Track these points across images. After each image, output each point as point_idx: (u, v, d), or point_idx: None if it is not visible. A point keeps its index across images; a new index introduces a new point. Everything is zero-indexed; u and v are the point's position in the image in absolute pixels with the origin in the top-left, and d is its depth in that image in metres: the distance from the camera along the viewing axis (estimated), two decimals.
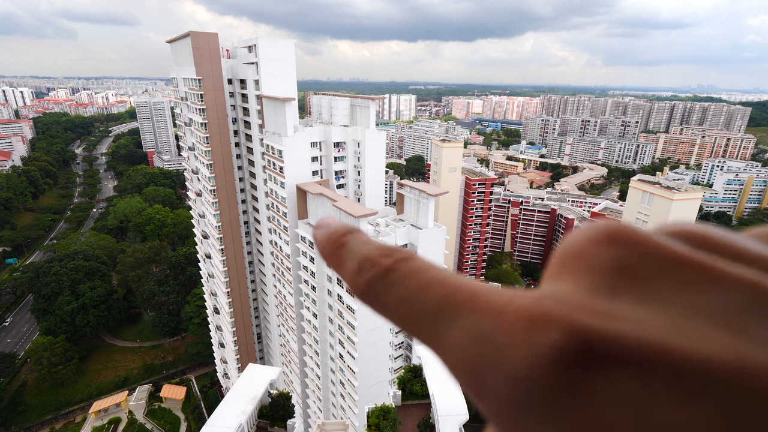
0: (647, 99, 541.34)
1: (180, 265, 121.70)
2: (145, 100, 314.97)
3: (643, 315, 0.63)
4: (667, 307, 0.65)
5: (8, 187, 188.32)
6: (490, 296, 0.73)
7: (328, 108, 73.58)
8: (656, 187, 79.45)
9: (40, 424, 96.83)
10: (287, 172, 65.13)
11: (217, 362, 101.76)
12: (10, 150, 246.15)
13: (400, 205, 67.03)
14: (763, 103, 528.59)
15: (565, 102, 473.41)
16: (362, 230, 0.95)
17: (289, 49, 71.52)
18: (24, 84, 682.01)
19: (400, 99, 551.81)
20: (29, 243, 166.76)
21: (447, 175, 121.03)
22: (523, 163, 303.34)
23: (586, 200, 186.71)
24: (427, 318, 0.78)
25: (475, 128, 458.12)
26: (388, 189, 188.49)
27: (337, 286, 59.79)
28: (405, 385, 38.23)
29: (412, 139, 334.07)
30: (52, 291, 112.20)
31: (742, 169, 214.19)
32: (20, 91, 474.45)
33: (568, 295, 0.69)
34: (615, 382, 0.58)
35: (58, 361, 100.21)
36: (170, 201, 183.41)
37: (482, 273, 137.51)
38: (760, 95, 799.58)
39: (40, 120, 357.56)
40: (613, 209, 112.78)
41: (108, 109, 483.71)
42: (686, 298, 0.65)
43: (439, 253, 63.71)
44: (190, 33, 69.93)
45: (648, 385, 0.57)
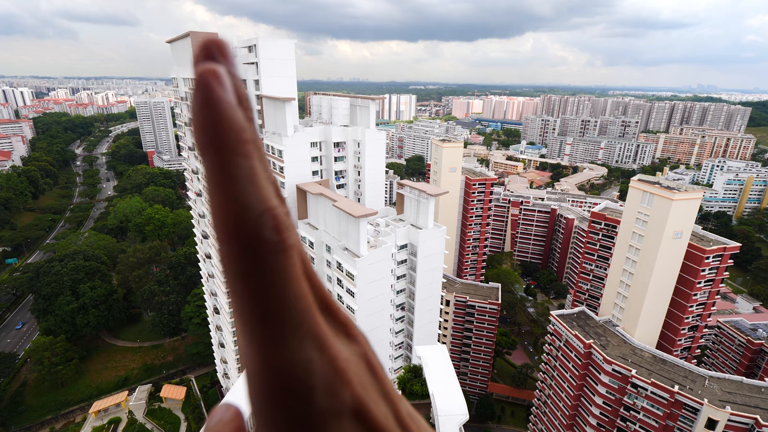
0: (647, 99, 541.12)
1: (180, 265, 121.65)
2: (145, 100, 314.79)
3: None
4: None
5: (8, 187, 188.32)
6: (331, 341, 0.84)
7: (328, 108, 73.56)
8: (656, 187, 79.35)
9: (40, 424, 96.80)
10: (287, 172, 65.11)
11: (217, 362, 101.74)
12: (10, 150, 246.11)
13: (400, 205, 67.04)
14: (763, 103, 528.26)
15: (565, 102, 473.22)
16: (263, 147, 0.76)
17: (289, 49, 71.44)
18: (24, 84, 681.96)
19: (400, 99, 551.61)
20: (29, 243, 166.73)
21: (447, 175, 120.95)
22: (523, 163, 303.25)
23: (586, 200, 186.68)
24: (272, 319, 0.76)
25: (475, 128, 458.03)
26: (388, 189, 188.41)
27: (337, 287, 59.76)
28: (405, 385, 38.24)
29: (412, 139, 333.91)
30: (53, 291, 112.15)
31: (742, 169, 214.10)
32: (20, 91, 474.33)
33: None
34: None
35: (58, 361, 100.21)
36: (170, 201, 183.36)
37: (482, 273, 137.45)
38: (760, 95, 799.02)
39: (40, 120, 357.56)
40: (613, 209, 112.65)
41: (108, 109, 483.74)
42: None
43: (439, 253, 63.71)
44: (190, 33, 69.88)
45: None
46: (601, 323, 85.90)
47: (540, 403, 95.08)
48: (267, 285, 0.78)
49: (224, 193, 0.77)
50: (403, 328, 67.78)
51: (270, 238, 0.79)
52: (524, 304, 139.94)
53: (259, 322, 0.78)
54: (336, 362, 0.85)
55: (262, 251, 0.78)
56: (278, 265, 0.79)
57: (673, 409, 69.35)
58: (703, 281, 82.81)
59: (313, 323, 0.83)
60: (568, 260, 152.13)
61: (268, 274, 0.78)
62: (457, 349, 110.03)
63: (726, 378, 72.25)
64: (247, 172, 0.79)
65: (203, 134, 0.77)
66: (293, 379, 0.78)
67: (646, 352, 77.63)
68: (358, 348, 0.99)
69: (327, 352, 0.84)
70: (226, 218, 0.77)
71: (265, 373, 0.78)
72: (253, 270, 0.78)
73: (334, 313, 0.99)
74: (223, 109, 0.78)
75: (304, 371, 0.79)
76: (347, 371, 0.88)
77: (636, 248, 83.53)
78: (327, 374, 0.82)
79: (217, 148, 0.78)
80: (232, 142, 0.78)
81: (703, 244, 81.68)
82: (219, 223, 0.77)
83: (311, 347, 0.81)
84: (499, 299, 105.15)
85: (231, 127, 0.78)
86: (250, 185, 0.78)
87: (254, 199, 0.78)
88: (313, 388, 0.79)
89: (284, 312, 0.79)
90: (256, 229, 0.78)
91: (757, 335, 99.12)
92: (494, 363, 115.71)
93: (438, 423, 30.18)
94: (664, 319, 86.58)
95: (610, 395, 76.31)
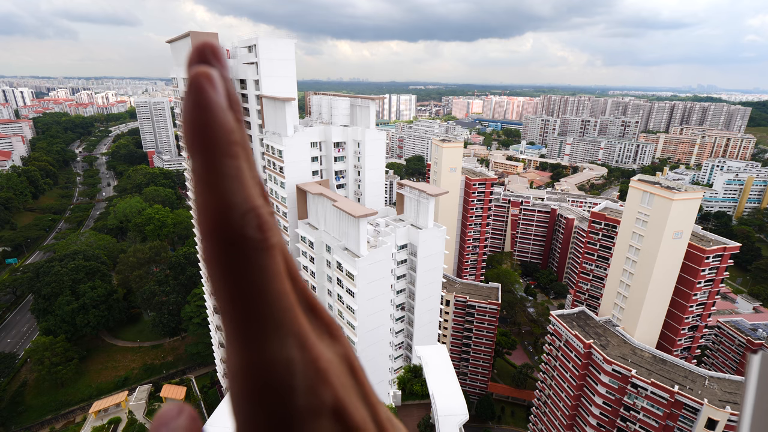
0: (647, 99, 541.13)
1: (180, 265, 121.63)
2: (145, 100, 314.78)
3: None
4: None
5: (8, 187, 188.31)
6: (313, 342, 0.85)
7: (328, 108, 73.57)
8: (656, 187, 79.35)
9: (40, 424, 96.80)
10: (287, 172, 65.11)
11: (217, 362, 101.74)
12: (10, 150, 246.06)
13: (400, 205, 67.04)
14: (763, 103, 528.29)
15: (565, 102, 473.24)
16: (251, 149, 0.84)
17: (289, 49, 71.42)
18: (24, 84, 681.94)
19: (400, 99, 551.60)
20: (29, 243, 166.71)
21: (447, 175, 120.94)
22: (523, 163, 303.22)
23: (586, 200, 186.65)
24: (257, 318, 0.78)
25: (475, 128, 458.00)
26: (388, 189, 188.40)
27: (337, 287, 59.75)
28: (405, 385, 38.28)
29: (412, 139, 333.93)
30: (53, 291, 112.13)
31: (742, 169, 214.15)
32: (20, 91, 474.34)
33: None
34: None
35: (59, 361, 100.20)
36: (170, 201, 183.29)
37: (482, 273, 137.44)
38: (760, 95, 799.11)
39: (40, 120, 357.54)
40: (613, 209, 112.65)
41: (108, 109, 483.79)
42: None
43: (439, 253, 63.72)
44: (190, 33, 69.84)
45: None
46: (601, 323, 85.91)
47: (540, 403, 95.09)
48: (249, 282, 0.79)
49: (210, 192, 0.78)
50: (403, 328, 67.78)
51: (253, 236, 0.80)
52: (524, 304, 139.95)
53: (240, 320, 0.79)
54: (317, 362, 0.86)
55: (245, 249, 0.79)
56: (260, 262, 0.80)
57: (673, 409, 69.36)
58: (703, 281, 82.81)
59: (295, 322, 0.84)
60: (568, 260, 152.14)
61: (250, 272, 0.79)
62: (457, 349, 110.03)
63: (726, 378, 72.25)
64: (234, 172, 0.80)
65: (193, 134, 0.82)
66: (274, 377, 0.79)
67: (646, 352, 77.64)
68: (341, 349, 0.99)
69: (309, 352, 0.85)
70: (211, 215, 0.78)
71: (245, 370, 0.79)
72: (235, 267, 0.78)
73: (318, 313, 0.99)
74: (214, 111, 0.82)
75: (284, 370, 0.80)
76: (328, 372, 0.88)
77: (636, 248, 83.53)
78: (308, 374, 0.82)
79: (206, 148, 0.80)
80: (221, 143, 0.80)
81: (703, 244, 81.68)
82: (204, 220, 0.78)
83: (292, 346, 0.82)
84: (499, 299, 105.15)
85: (221, 129, 0.81)
86: (236, 185, 0.80)
87: (239, 198, 0.79)
88: (294, 387, 0.80)
89: (266, 310, 0.80)
90: (240, 227, 0.79)
91: (757, 335, 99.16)
92: (494, 363, 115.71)
93: (438, 423, 30.19)
94: (664, 319, 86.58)
95: (610, 395, 76.31)
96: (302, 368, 0.82)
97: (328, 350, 0.93)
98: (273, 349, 0.80)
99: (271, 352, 0.80)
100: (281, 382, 0.79)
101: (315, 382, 0.84)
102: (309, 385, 0.82)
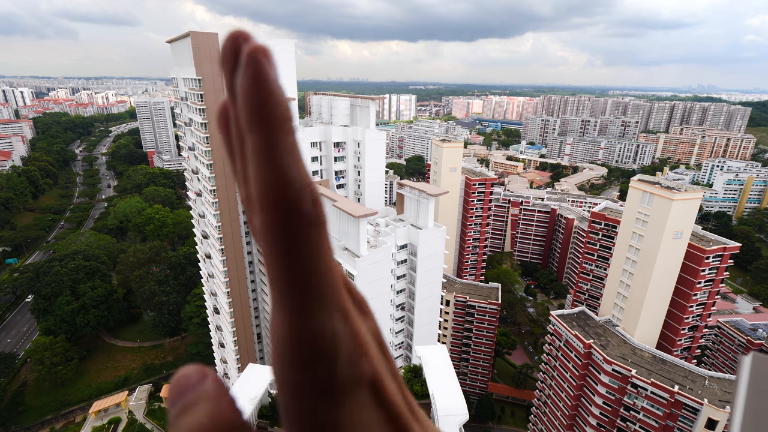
0: (647, 99, 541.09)
1: (180, 265, 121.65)
2: (145, 100, 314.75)
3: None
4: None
5: (8, 187, 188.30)
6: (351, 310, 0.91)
7: (328, 108, 73.58)
8: (656, 187, 79.33)
9: (40, 424, 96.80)
10: None
11: (217, 362, 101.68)
12: (10, 150, 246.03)
13: (400, 205, 67.03)
14: (763, 103, 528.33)
15: (565, 102, 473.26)
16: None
17: (288, 49, 71.43)
18: (24, 84, 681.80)
19: (400, 99, 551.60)
20: (29, 243, 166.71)
21: (447, 175, 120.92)
22: (523, 163, 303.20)
23: (586, 200, 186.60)
24: (306, 289, 0.81)
25: (475, 128, 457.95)
26: (388, 189, 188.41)
27: None
28: None
29: (412, 139, 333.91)
30: (53, 291, 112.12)
31: (742, 169, 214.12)
32: (20, 91, 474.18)
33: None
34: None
35: (59, 361, 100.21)
36: (170, 201, 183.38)
37: (482, 273, 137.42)
38: (760, 95, 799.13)
39: (40, 120, 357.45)
40: (613, 209, 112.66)
41: (108, 109, 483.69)
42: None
43: (439, 253, 63.70)
44: (190, 33, 69.82)
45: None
46: (601, 323, 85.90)
47: (540, 403, 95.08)
48: (303, 256, 0.82)
49: (269, 167, 0.80)
50: (403, 328, 67.78)
51: (309, 211, 0.82)
52: (524, 304, 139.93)
53: (292, 291, 0.81)
54: (359, 336, 0.91)
55: (301, 223, 0.82)
56: (314, 237, 0.83)
57: (673, 409, 69.35)
58: (703, 281, 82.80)
59: (340, 296, 0.89)
60: (568, 260, 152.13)
61: (304, 246, 0.82)
62: (457, 349, 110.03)
63: (726, 378, 72.24)
64: (291, 148, 0.83)
65: (252, 110, 0.81)
66: (320, 347, 0.83)
67: (646, 352, 77.63)
68: (372, 325, 1.05)
69: (351, 326, 0.90)
70: (270, 188, 0.79)
71: (293, 338, 0.82)
72: (291, 240, 0.81)
73: (351, 291, 1.03)
74: (272, 87, 0.82)
75: (330, 341, 0.84)
76: (368, 345, 0.94)
77: (636, 248, 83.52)
78: (350, 346, 0.87)
79: (265, 124, 0.81)
80: (278, 120, 0.82)
81: (703, 244, 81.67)
82: (262, 193, 0.80)
83: (338, 319, 0.86)
84: (499, 299, 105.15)
85: (278, 105, 0.82)
86: (293, 160, 0.82)
87: (295, 173, 0.82)
88: (338, 356, 0.85)
89: (316, 282, 0.83)
90: (297, 201, 0.81)
91: (757, 335, 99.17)
92: (494, 363, 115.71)
93: (438, 423, 30.17)
94: (664, 319, 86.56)
95: (610, 395, 76.31)
96: (346, 340, 0.86)
97: (363, 325, 0.97)
98: (321, 321, 0.83)
99: (319, 323, 0.83)
100: (327, 351, 0.83)
101: (356, 354, 0.89)
102: (351, 357, 0.87)
